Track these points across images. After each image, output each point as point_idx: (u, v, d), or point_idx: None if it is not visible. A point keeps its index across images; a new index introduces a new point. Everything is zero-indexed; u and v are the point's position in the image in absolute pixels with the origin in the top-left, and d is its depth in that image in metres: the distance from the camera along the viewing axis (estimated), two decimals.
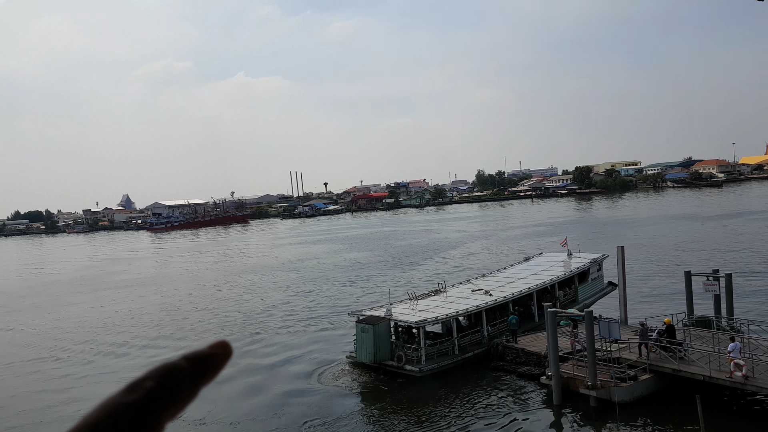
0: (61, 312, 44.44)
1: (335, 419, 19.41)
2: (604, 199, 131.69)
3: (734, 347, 17.78)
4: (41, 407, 22.96)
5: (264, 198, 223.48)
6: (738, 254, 44.48)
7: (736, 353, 17.72)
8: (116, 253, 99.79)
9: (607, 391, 18.77)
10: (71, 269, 76.94)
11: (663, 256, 46.66)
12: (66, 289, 57.97)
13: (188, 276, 60.60)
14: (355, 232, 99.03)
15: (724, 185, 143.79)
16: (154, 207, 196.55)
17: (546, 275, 28.96)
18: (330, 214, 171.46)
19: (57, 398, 23.91)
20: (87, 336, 35.07)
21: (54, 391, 24.93)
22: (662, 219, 76.09)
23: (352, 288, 44.37)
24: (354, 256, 64.98)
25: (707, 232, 59.66)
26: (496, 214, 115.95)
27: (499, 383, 21.71)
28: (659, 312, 26.79)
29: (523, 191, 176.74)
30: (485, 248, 62.45)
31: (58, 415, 21.87)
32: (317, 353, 27.29)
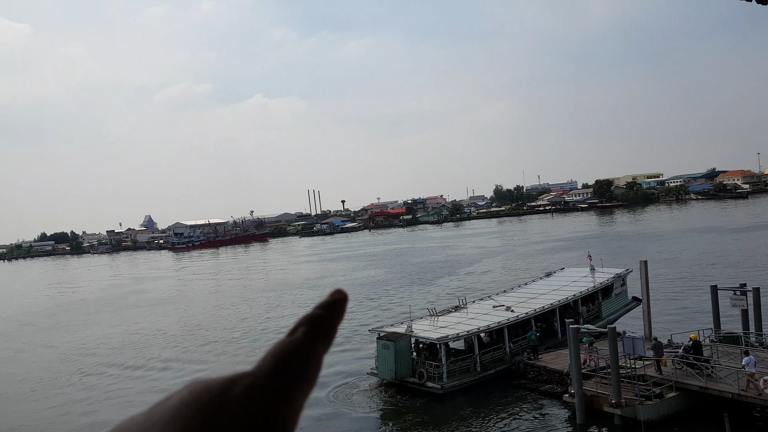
0: (85, 331, 45.32)
1: None
2: (626, 213, 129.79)
3: (749, 361, 17.68)
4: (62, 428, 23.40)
5: (282, 216, 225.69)
6: (766, 267, 43.36)
7: (751, 367, 17.54)
8: (139, 273, 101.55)
9: (632, 410, 18.41)
10: (95, 289, 78.54)
11: (688, 270, 45.74)
12: (90, 308, 59.13)
13: (209, 295, 61.34)
14: (374, 249, 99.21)
15: (749, 196, 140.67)
16: (176, 227, 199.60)
17: (568, 291, 28.61)
18: (348, 232, 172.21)
19: (78, 420, 24.33)
20: (110, 355, 35.71)
21: (76, 413, 25.37)
22: (686, 232, 74.67)
23: (372, 305, 44.38)
24: (373, 273, 65.08)
25: (733, 245, 58.33)
26: (515, 230, 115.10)
27: (522, 401, 21.45)
28: (685, 328, 26.22)
29: (543, 206, 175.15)
30: (505, 264, 61.98)
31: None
32: (338, 370, 27.30)
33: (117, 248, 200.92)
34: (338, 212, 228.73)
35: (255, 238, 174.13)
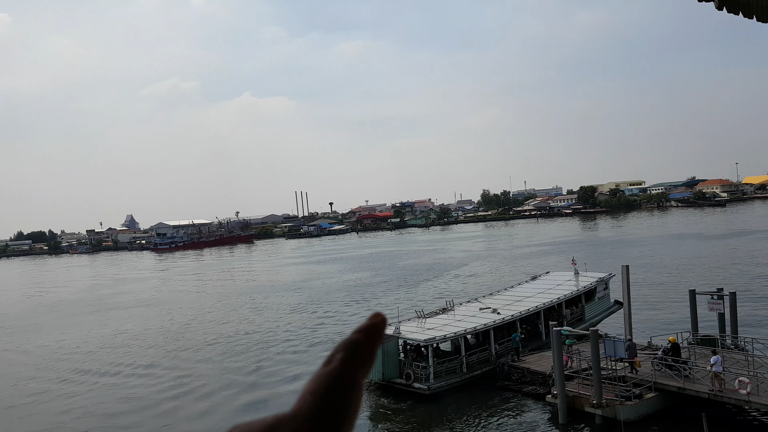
0: (62, 333, 44.58)
1: None
2: (609, 219, 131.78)
3: (716, 360, 18.54)
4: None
5: (269, 218, 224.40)
6: (742, 273, 44.57)
7: (718, 366, 18.41)
8: (119, 274, 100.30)
9: (613, 410, 18.92)
10: (74, 290, 77.38)
11: (668, 275, 46.77)
12: (68, 310, 58.25)
13: (192, 297, 60.93)
14: (361, 252, 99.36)
15: (727, 205, 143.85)
16: (158, 227, 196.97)
17: (553, 294, 29.20)
18: (335, 234, 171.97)
19: (52, 420, 24.13)
20: (87, 359, 35.10)
21: (51, 421, 25.09)
22: (666, 238, 76.19)
23: (359, 307, 44.58)
24: (360, 275, 65.26)
25: (711, 251, 59.74)
26: (501, 234, 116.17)
27: (506, 402, 21.85)
28: (664, 330, 26.93)
29: (528, 211, 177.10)
30: (491, 268, 62.64)
31: None
32: None
33: (97, 248, 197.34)
34: (326, 214, 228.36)
35: (240, 240, 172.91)
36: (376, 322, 0.55)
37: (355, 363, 0.51)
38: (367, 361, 0.52)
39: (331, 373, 0.49)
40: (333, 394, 0.48)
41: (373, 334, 0.54)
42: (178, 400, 25.13)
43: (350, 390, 0.49)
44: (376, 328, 0.54)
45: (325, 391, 0.48)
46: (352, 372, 0.50)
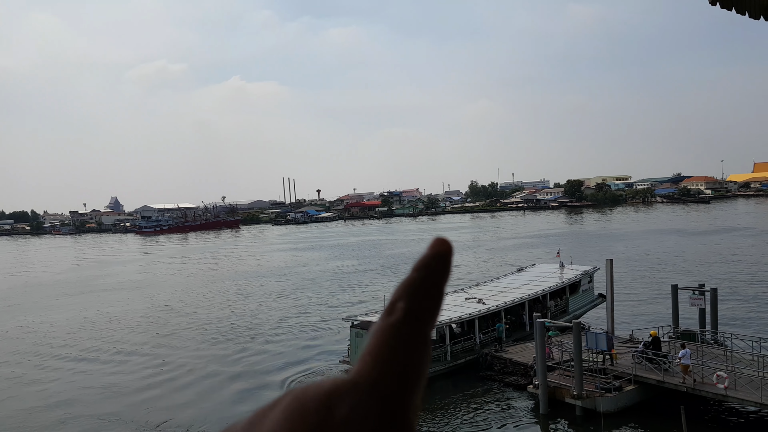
0: (40, 315, 43.95)
1: None
2: (595, 213, 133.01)
3: (685, 353, 19.09)
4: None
5: (256, 203, 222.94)
6: (723, 269, 45.25)
7: (687, 359, 18.96)
8: (103, 256, 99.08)
9: (593, 401, 19.10)
10: (55, 271, 76.27)
11: (651, 269, 47.33)
12: (48, 291, 57.42)
13: (176, 281, 60.38)
14: (348, 240, 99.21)
15: (711, 201, 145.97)
16: (143, 210, 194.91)
17: (538, 286, 29.52)
18: (322, 222, 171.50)
19: (27, 404, 23.78)
20: (64, 340, 34.76)
21: (32, 404, 24.74)
22: (651, 233, 77.09)
23: (345, 295, 44.52)
24: (347, 263, 65.15)
25: (694, 247, 60.56)
26: (488, 225, 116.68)
27: (488, 392, 22.00)
28: (646, 324, 27.24)
29: (515, 203, 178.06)
30: (478, 259, 62.89)
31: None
32: (311, 358, 27.48)
33: (81, 230, 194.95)
34: (313, 201, 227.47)
35: (226, 225, 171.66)
36: (440, 251, 0.44)
37: (422, 311, 0.42)
38: (434, 306, 0.43)
39: (394, 326, 0.41)
40: (398, 353, 0.40)
41: (439, 267, 0.43)
42: (160, 387, 24.88)
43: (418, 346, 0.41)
44: (441, 259, 0.43)
45: (388, 350, 0.40)
46: (419, 323, 0.41)
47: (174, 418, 20.87)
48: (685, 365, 19.07)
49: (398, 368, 0.40)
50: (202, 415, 20.93)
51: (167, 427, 20.06)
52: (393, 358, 0.40)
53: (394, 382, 0.40)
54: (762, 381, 17.44)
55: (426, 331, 0.42)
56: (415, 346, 0.41)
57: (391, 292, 0.43)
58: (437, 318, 0.44)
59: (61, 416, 21.81)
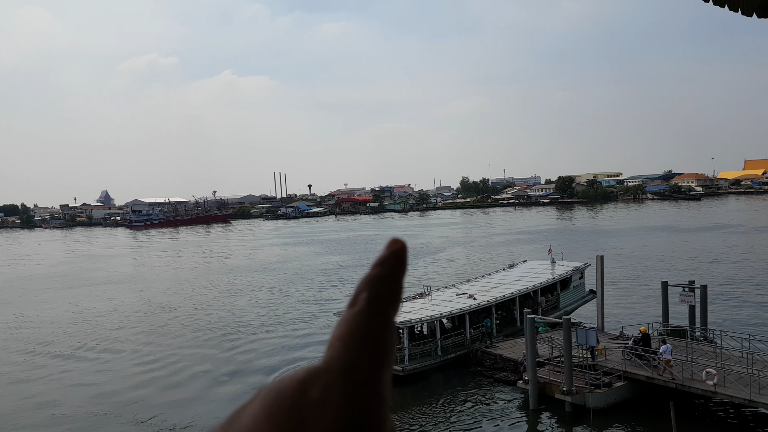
0: (31, 309, 43.38)
1: None
2: (585, 209, 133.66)
3: (666, 349, 19.48)
4: None
5: (246, 198, 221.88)
6: (713, 266, 45.51)
7: (667, 354, 19.30)
8: (93, 250, 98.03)
9: (582, 397, 19.02)
10: (47, 265, 75.36)
11: (641, 266, 47.50)
12: (39, 285, 56.73)
13: (167, 275, 59.82)
14: (339, 236, 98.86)
15: (702, 199, 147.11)
16: (134, 204, 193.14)
17: (529, 282, 29.57)
18: (313, 217, 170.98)
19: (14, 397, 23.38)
20: (55, 335, 34.34)
21: (19, 398, 24.35)
22: (641, 230, 77.50)
23: (335, 290, 44.27)
24: (337, 258, 64.88)
25: (684, 244, 60.92)
26: (479, 221, 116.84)
27: (478, 387, 21.90)
28: (636, 321, 27.24)
29: (507, 199, 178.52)
30: (469, 255, 62.87)
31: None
32: (301, 353, 27.28)
33: (71, 224, 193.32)
34: (304, 196, 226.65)
35: (217, 219, 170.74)
36: (395, 250, 0.48)
37: (382, 300, 0.45)
38: (394, 296, 0.46)
39: (358, 314, 0.44)
40: (364, 338, 0.43)
41: (395, 263, 0.47)
42: (150, 383, 24.54)
43: (382, 331, 0.44)
44: (397, 257, 0.48)
45: (355, 336, 0.43)
46: (381, 310, 0.45)
47: (163, 413, 20.55)
48: (666, 360, 19.27)
49: (366, 351, 0.43)
50: (191, 410, 20.62)
51: (157, 423, 19.73)
52: (361, 343, 0.43)
53: (364, 364, 0.42)
54: (751, 378, 17.44)
55: (388, 318, 0.45)
56: (379, 332, 0.44)
57: (355, 286, 0.45)
58: (397, 307, 0.47)
59: (50, 414, 21.41)
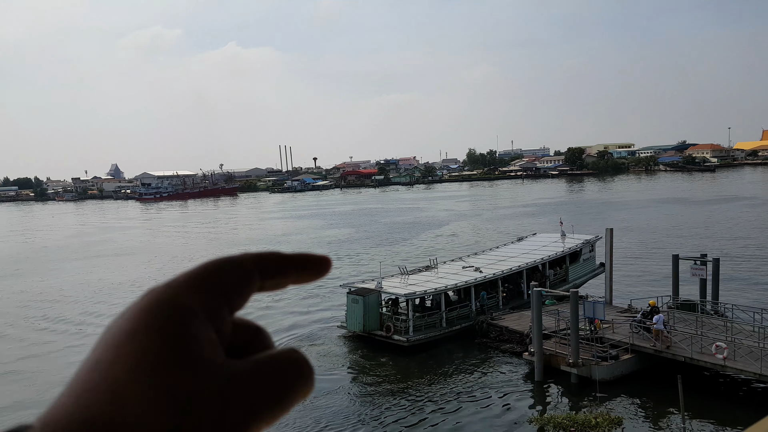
0: (47, 280, 43.89)
1: (319, 384, 19.31)
2: (596, 181, 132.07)
3: (658, 319, 19.36)
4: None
5: (253, 171, 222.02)
6: (727, 239, 44.77)
7: (660, 324, 19.29)
8: (105, 222, 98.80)
9: (588, 369, 18.82)
10: (62, 236, 76.12)
11: (652, 239, 46.86)
12: (53, 256, 57.31)
13: (176, 247, 60.11)
14: (344, 208, 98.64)
15: (717, 170, 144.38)
16: (143, 177, 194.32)
17: (537, 255, 29.19)
18: (319, 190, 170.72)
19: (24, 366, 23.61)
20: (71, 306, 34.67)
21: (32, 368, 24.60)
22: (653, 202, 76.45)
23: (340, 262, 44.16)
24: (342, 231, 64.75)
25: (697, 216, 60.00)
26: (486, 194, 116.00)
27: (483, 358, 21.80)
28: (646, 294, 26.85)
29: (514, 171, 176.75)
30: (476, 228, 62.44)
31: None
32: (309, 320, 27.43)
33: (83, 196, 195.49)
34: (310, 169, 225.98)
35: (224, 192, 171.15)
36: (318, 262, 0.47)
37: (270, 270, 0.45)
38: (277, 273, 0.45)
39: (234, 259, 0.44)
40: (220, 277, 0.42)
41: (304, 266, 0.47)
42: None
43: (238, 278, 0.43)
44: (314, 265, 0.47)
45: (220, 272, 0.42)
46: (263, 272, 0.45)
47: None
48: (657, 330, 19.29)
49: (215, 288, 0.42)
50: None
51: None
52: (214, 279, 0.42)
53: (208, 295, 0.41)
54: (762, 352, 17.09)
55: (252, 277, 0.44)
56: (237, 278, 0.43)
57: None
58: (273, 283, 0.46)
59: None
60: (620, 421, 15.87)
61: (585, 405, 17.42)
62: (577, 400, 17.97)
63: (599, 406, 16.96)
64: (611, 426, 15.46)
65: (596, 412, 16.35)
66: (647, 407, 17.33)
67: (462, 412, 17.34)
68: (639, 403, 17.59)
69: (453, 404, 17.90)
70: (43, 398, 19.68)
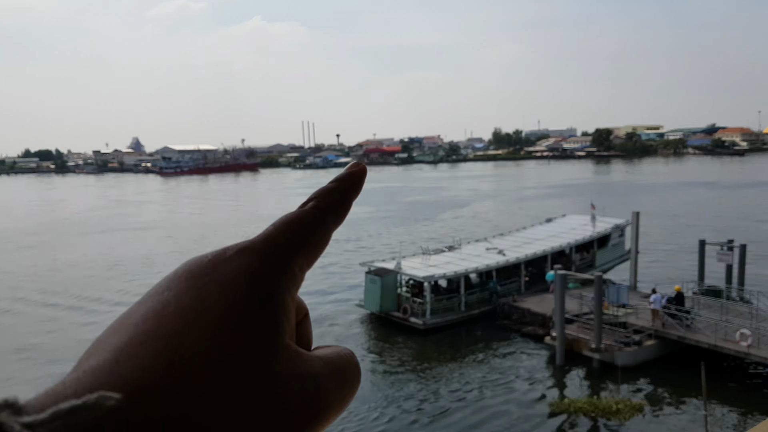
0: (64, 253, 45.09)
1: None
2: (623, 164, 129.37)
3: (655, 299, 19.51)
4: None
5: (275, 147, 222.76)
6: (755, 225, 43.70)
7: (657, 304, 19.40)
8: (125, 197, 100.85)
9: (611, 355, 18.84)
10: (80, 210, 78.03)
11: (679, 223, 46.00)
12: (73, 229, 58.84)
13: (197, 222, 61.22)
14: (366, 186, 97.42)
15: (746, 154, 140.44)
16: (164, 151, 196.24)
17: (563, 238, 28.59)
18: (341, 167, 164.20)
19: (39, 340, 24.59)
20: (84, 281, 35.79)
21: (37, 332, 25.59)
22: (681, 186, 74.75)
23: (360, 242, 44.50)
24: (365, 209, 64.99)
25: (725, 201, 58.56)
26: (511, 174, 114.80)
27: (503, 341, 21.90)
28: (671, 279, 26.53)
29: (540, 152, 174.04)
30: (499, 209, 62.07)
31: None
32: (327, 299, 27.78)
33: (103, 169, 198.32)
34: (332, 146, 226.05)
35: (246, 167, 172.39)
36: (353, 171, 0.51)
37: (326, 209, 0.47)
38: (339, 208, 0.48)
39: (300, 213, 0.46)
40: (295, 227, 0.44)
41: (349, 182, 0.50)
42: None
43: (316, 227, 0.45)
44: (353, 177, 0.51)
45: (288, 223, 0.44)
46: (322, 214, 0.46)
47: None
48: (654, 310, 19.41)
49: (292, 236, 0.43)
50: None
51: None
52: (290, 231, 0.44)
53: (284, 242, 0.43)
54: None
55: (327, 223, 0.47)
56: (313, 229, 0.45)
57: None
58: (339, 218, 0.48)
59: None
60: (642, 407, 15.93)
61: (606, 390, 17.50)
62: (599, 385, 18.05)
63: (621, 392, 17.03)
64: (633, 412, 15.53)
65: (618, 398, 16.43)
66: (670, 394, 17.33)
67: (481, 394, 17.58)
68: (661, 390, 17.60)
69: (472, 386, 18.15)
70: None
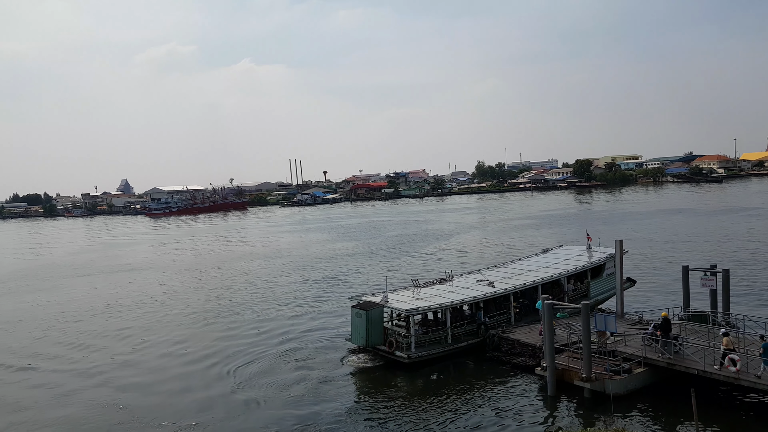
0: (53, 296, 44.39)
1: (321, 401, 19.38)
2: (604, 193, 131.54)
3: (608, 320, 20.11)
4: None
5: (263, 185, 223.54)
6: (735, 250, 44.49)
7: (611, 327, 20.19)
8: (113, 238, 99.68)
9: (602, 384, 18.75)
10: (69, 252, 76.89)
11: (662, 250, 46.66)
12: (61, 273, 57.91)
13: (185, 262, 60.59)
14: (353, 222, 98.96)
15: (724, 181, 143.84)
16: (153, 192, 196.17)
17: (556, 269, 28.32)
18: (329, 203, 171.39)
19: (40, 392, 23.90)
20: (81, 322, 35.05)
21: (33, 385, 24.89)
22: (661, 213, 76.07)
23: (347, 276, 44.34)
24: (350, 245, 64.97)
25: (705, 227, 59.65)
26: (496, 206, 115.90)
27: (493, 373, 21.69)
28: (656, 306, 26.79)
29: (523, 183, 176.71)
30: (486, 241, 62.40)
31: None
32: (318, 336, 27.46)
33: (92, 212, 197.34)
34: (320, 183, 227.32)
35: (234, 206, 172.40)
36: None
37: None
38: None
39: None
40: None
41: None
42: (157, 371, 24.88)
43: None
44: None
45: None
46: None
47: (175, 403, 20.82)
48: (602, 332, 20.23)
49: None
50: (206, 399, 20.85)
51: (173, 412, 20.01)
52: None
53: None
54: None
55: None
56: None
57: None
58: None
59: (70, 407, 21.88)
60: None
61: (599, 420, 17.37)
62: (592, 415, 17.89)
63: (614, 422, 16.91)
64: None
65: (611, 428, 16.31)
66: (661, 422, 17.24)
67: (471, 428, 17.32)
68: (653, 418, 17.50)
69: (463, 420, 17.90)
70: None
